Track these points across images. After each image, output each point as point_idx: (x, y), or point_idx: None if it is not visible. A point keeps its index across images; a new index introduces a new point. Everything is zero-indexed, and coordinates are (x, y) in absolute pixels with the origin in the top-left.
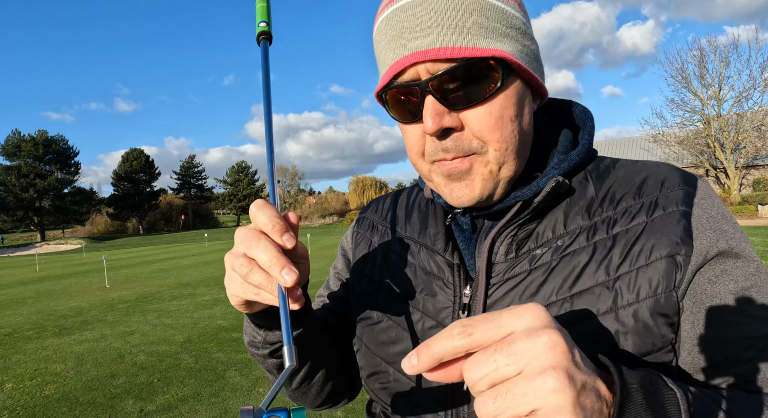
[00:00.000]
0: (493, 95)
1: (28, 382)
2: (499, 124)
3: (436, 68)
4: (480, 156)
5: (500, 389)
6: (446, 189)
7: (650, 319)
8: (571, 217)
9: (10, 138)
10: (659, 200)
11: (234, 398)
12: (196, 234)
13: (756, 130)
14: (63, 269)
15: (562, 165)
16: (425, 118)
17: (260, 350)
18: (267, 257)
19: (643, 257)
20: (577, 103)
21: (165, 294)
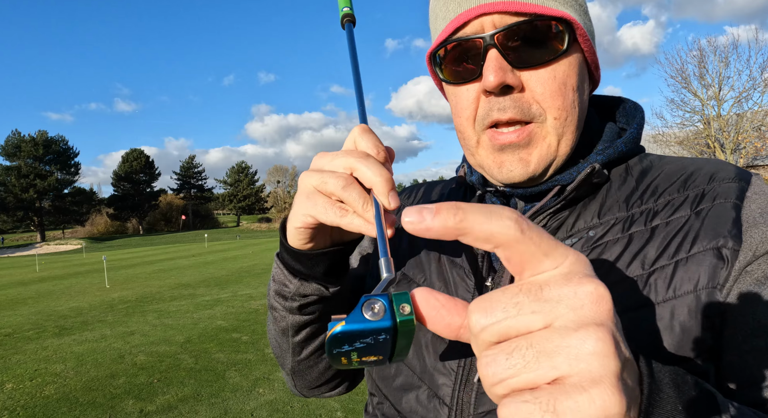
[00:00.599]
0: (557, 58)
1: (28, 382)
2: (561, 91)
3: (503, 22)
4: (538, 125)
5: (520, 342)
6: (495, 163)
7: (689, 319)
8: (607, 207)
9: (10, 138)
10: (707, 192)
11: (234, 398)
12: (196, 234)
13: (756, 131)
14: (63, 269)
15: (607, 151)
16: (486, 72)
17: (288, 301)
18: (377, 175)
19: (683, 249)
20: (628, 99)
21: (165, 294)
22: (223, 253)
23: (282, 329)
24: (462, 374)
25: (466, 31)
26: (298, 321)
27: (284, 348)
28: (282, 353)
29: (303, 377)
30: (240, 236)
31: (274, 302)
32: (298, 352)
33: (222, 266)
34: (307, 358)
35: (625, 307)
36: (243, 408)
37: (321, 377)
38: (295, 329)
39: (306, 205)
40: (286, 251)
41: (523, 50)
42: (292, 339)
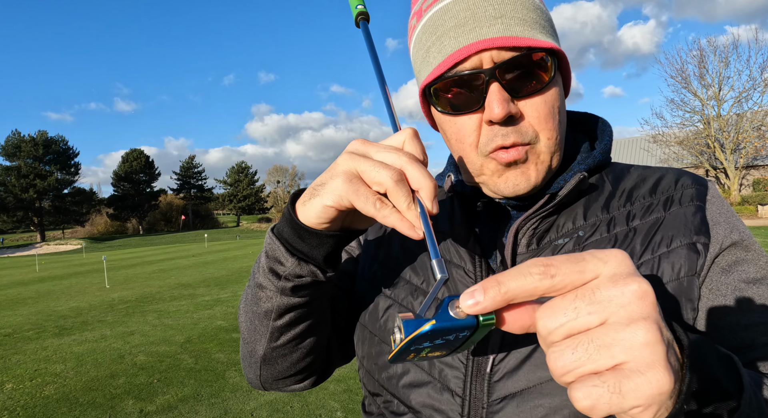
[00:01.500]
0: (548, 85)
1: (28, 382)
2: (552, 113)
3: (501, 57)
4: (533, 147)
5: (581, 338)
6: (501, 179)
7: (675, 301)
8: (591, 210)
9: (10, 138)
10: (674, 196)
11: (234, 398)
12: (196, 234)
13: (756, 131)
14: (63, 269)
15: (587, 161)
16: (492, 104)
17: (281, 281)
18: (428, 179)
19: (664, 245)
20: (597, 116)
21: (165, 295)
22: (223, 253)
23: (265, 311)
24: (472, 365)
25: (466, 65)
26: (285, 303)
27: (260, 332)
28: (256, 337)
29: (273, 366)
30: (240, 236)
31: (264, 279)
32: (276, 337)
33: (222, 266)
34: (283, 345)
35: None
36: (243, 408)
37: (292, 367)
38: (279, 312)
39: (345, 187)
40: (291, 227)
41: (520, 81)
42: (273, 323)
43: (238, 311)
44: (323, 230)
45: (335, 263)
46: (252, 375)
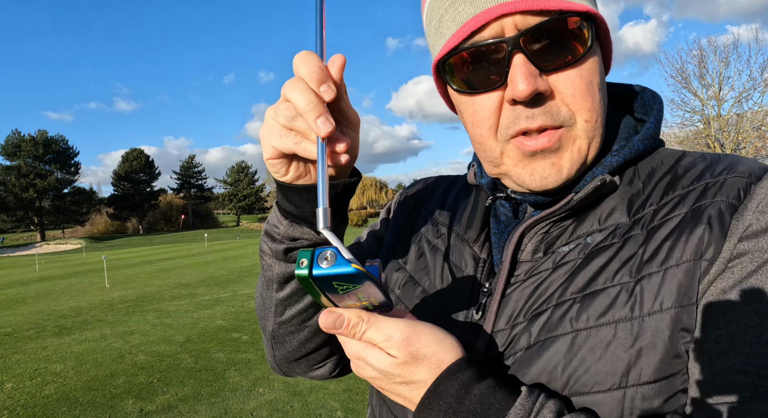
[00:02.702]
0: (584, 57)
1: (28, 382)
2: (590, 91)
3: (526, 22)
4: (568, 130)
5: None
6: (525, 171)
7: (672, 335)
8: (609, 213)
9: (10, 138)
10: (709, 187)
11: (234, 398)
12: (196, 234)
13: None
14: (63, 269)
15: (623, 151)
16: (515, 80)
17: (275, 243)
18: (303, 101)
19: (674, 256)
20: (645, 88)
21: (165, 294)
22: (223, 252)
23: (267, 280)
24: None
25: (484, 34)
26: (284, 271)
27: (267, 305)
28: (265, 311)
29: (282, 345)
30: (240, 236)
31: (263, 244)
32: (281, 312)
33: (222, 265)
34: (288, 321)
35: (610, 318)
36: (243, 408)
37: (301, 347)
38: (280, 281)
39: (267, 135)
40: (279, 189)
41: (550, 52)
42: (276, 294)
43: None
44: (301, 184)
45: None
46: (270, 357)
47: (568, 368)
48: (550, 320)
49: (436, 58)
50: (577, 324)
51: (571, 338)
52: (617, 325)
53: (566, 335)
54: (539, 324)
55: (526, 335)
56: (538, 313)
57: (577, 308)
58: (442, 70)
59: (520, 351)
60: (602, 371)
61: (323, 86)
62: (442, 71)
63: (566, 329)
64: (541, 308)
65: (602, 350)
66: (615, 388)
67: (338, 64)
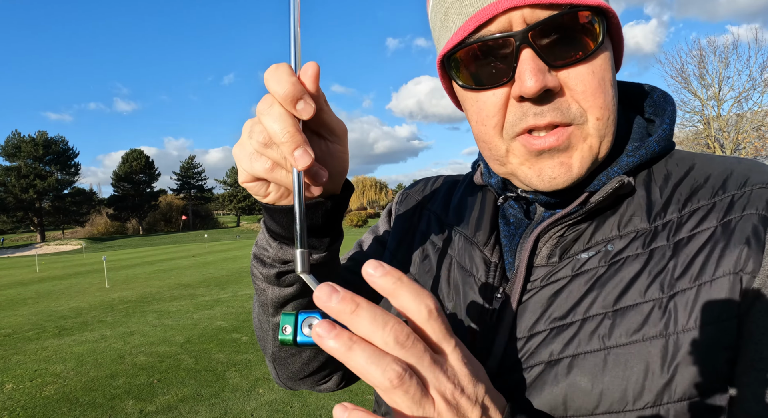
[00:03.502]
0: (595, 53)
1: (28, 383)
2: (602, 87)
3: (535, 16)
4: (578, 127)
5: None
6: (532, 170)
7: (709, 351)
8: (628, 218)
9: (10, 139)
10: (736, 200)
11: (234, 398)
12: (196, 235)
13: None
14: (63, 269)
15: (639, 152)
16: (523, 76)
17: (266, 267)
18: (278, 128)
19: (707, 271)
20: (655, 87)
21: (165, 295)
22: (223, 253)
23: (262, 304)
24: None
25: (491, 28)
26: (278, 295)
27: (265, 329)
28: (263, 334)
29: (285, 366)
30: (240, 237)
31: (254, 269)
32: (276, 343)
33: (222, 266)
34: None
35: (643, 336)
36: (243, 408)
37: (305, 367)
38: (274, 306)
39: (240, 156)
40: (264, 210)
41: (559, 47)
42: (272, 319)
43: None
44: (285, 204)
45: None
46: (273, 375)
47: (600, 386)
48: (579, 335)
49: (441, 53)
50: (609, 341)
51: (603, 356)
52: (651, 342)
53: (598, 352)
54: (565, 338)
55: (549, 348)
56: (562, 325)
57: (608, 324)
58: (448, 66)
59: (540, 364)
60: (636, 390)
61: (300, 104)
62: (447, 66)
63: (596, 346)
64: (565, 320)
65: (636, 368)
66: (650, 406)
67: (311, 74)
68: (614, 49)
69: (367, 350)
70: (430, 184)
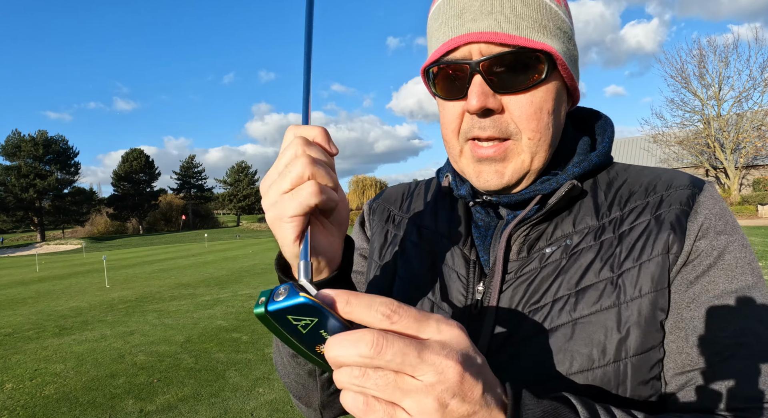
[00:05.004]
0: (535, 86)
1: (28, 382)
2: (537, 115)
3: (489, 51)
4: (515, 143)
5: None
6: (474, 172)
7: (652, 314)
8: (580, 218)
9: (10, 138)
10: (664, 198)
11: (234, 398)
12: (196, 234)
13: (756, 130)
14: (63, 269)
15: (582, 164)
16: (470, 96)
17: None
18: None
19: (646, 252)
20: (600, 113)
21: (165, 294)
22: (223, 253)
23: (308, 371)
24: None
25: (456, 55)
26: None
27: (310, 387)
28: (307, 392)
29: (334, 406)
30: (240, 236)
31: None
32: (328, 386)
33: (222, 265)
34: (337, 390)
35: (599, 307)
36: (243, 408)
37: None
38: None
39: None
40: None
41: (505, 76)
42: (320, 377)
43: (279, 371)
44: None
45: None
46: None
47: (571, 350)
48: (551, 313)
49: (423, 66)
50: (575, 314)
51: (572, 326)
52: (608, 311)
53: (567, 324)
54: (541, 317)
55: (528, 327)
56: (537, 308)
57: (573, 301)
58: (427, 76)
59: (523, 340)
60: (599, 349)
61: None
62: (426, 77)
63: (566, 319)
64: (539, 303)
65: (598, 331)
66: (612, 361)
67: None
68: (569, 85)
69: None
70: (397, 191)
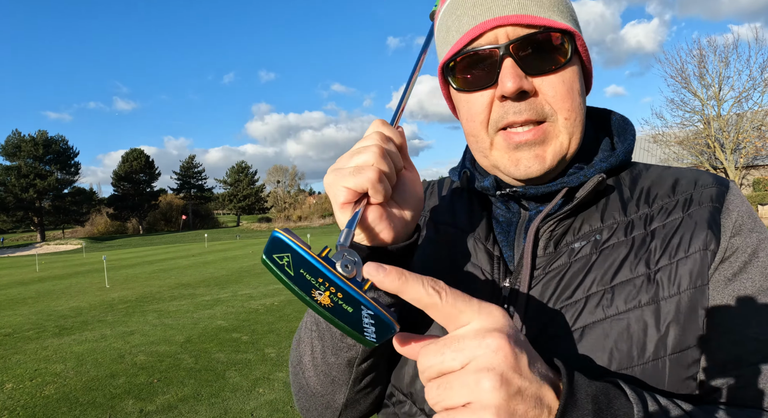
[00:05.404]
0: (564, 66)
1: (28, 382)
2: (570, 94)
3: (516, 33)
4: (551, 124)
5: (444, 380)
6: (511, 161)
7: (690, 311)
8: (608, 213)
9: (10, 138)
10: (694, 196)
11: (234, 398)
12: (196, 234)
13: (756, 131)
14: (63, 269)
15: (609, 160)
16: (504, 79)
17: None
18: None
19: (682, 249)
20: (613, 111)
21: (165, 294)
22: (223, 253)
23: (348, 360)
24: None
25: (481, 42)
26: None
27: (341, 381)
28: (334, 388)
29: (355, 408)
30: (240, 236)
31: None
32: (360, 380)
33: (222, 265)
34: (366, 385)
35: (637, 303)
36: (243, 408)
37: (373, 404)
38: (365, 355)
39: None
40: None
41: (535, 58)
42: (358, 368)
43: (298, 369)
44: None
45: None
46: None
47: (609, 348)
48: (585, 309)
49: (442, 62)
50: (610, 310)
51: (609, 323)
52: (646, 307)
53: (603, 321)
54: (574, 314)
55: (560, 323)
56: (569, 304)
57: (609, 297)
58: (446, 72)
59: (556, 337)
60: (639, 347)
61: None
62: (445, 73)
63: (601, 316)
64: (571, 299)
65: (636, 328)
66: (651, 359)
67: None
68: (583, 69)
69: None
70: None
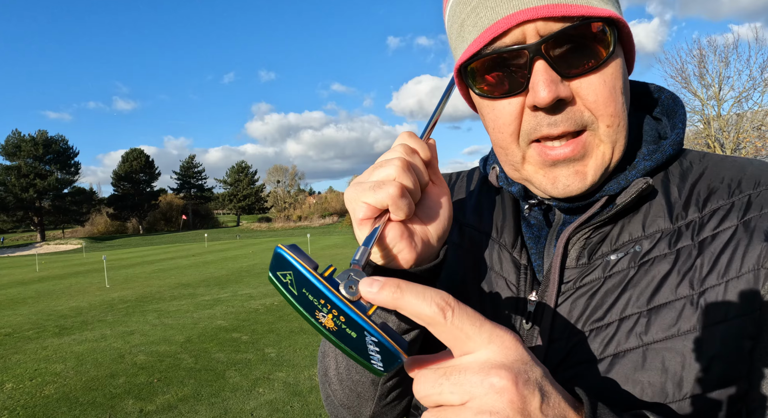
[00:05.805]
0: (606, 62)
1: (28, 382)
2: (613, 96)
3: (548, 29)
4: (591, 134)
5: (442, 414)
6: (547, 178)
7: (737, 342)
8: (651, 219)
9: (10, 138)
10: (753, 200)
11: (234, 398)
12: (196, 234)
13: (756, 130)
14: (63, 269)
15: (655, 156)
16: (536, 87)
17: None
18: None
19: (733, 267)
20: (662, 88)
21: (165, 294)
22: (223, 253)
23: (372, 380)
24: None
25: (505, 40)
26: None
27: (367, 396)
28: (361, 402)
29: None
30: (240, 236)
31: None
32: (386, 395)
33: (222, 265)
34: (393, 399)
35: (678, 331)
36: (243, 408)
37: (403, 411)
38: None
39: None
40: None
41: (572, 57)
42: (384, 385)
43: (324, 380)
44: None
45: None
46: None
47: (640, 380)
48: (617, 334)
49: (458, 63)
50: (646, 338)
51: (642, 352)
52: (686, 336)
53: (636, 349)
54: (605, 339)
55: (590, 348)
56: (601, 326)
57: (644, 322)
58: (464, 74)
59: (582, 363)
60: (675, 381)
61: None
62: (464, 75)
63: (635, 344)
64: (603, 321)
65: (674, 361)
66: (688, 396)
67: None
68: (626, 55)
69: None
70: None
